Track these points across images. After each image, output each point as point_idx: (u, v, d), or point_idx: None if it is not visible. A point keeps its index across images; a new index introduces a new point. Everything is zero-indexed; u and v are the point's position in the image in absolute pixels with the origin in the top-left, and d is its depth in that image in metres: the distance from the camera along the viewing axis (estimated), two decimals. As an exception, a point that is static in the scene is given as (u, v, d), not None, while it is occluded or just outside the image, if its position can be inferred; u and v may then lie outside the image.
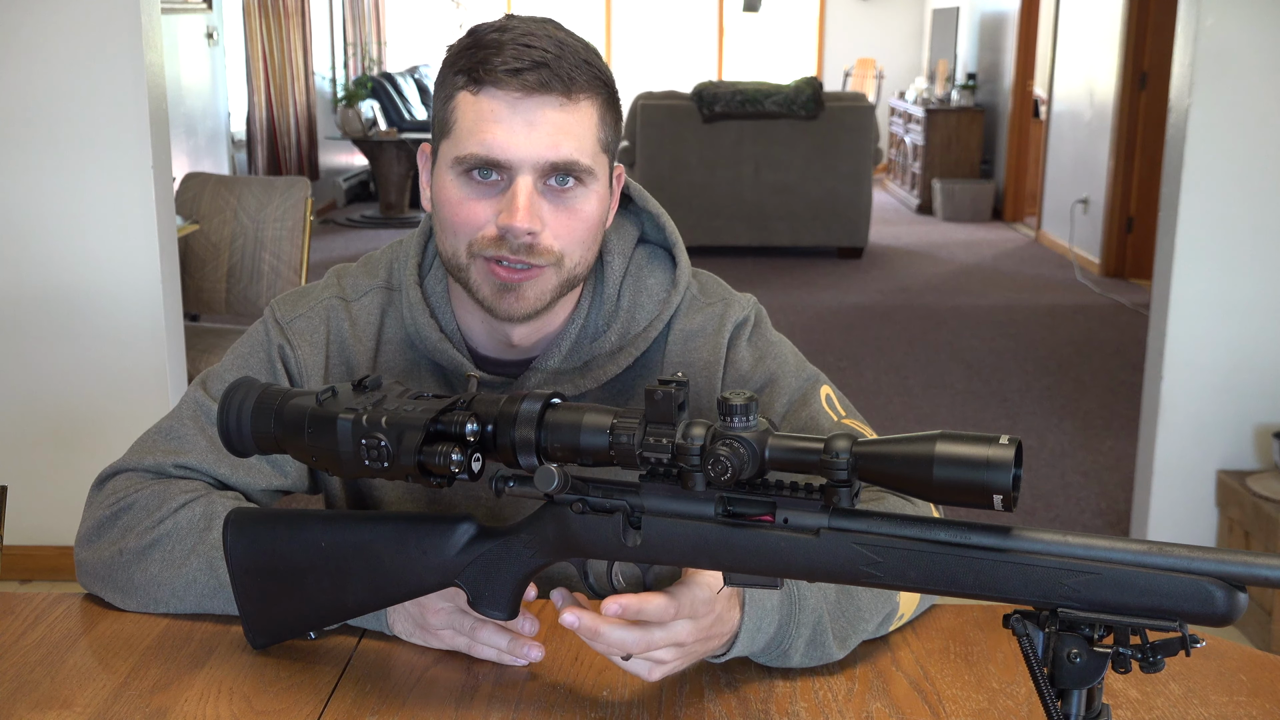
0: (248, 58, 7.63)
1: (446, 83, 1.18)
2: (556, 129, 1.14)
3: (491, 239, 1.17)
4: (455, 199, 1.18)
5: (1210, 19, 3.09)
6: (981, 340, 5.81)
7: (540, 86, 1.13)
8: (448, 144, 1.18)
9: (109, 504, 1.25)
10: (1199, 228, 3.21)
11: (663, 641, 0.99)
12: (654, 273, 1.32)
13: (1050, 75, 8.30)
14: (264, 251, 3.75)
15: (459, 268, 1.20)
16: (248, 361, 1.32)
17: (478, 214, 1.17)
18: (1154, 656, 0.79)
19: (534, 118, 1.14)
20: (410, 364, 1.31)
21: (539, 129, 1.14)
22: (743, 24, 12.29)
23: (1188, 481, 3.34)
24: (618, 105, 1.22)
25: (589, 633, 0.98)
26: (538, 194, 1.16)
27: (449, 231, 1.19)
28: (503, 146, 1.14)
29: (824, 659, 1.11)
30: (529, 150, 1.14)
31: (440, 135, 1.19)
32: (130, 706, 1.06)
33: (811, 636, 1.09)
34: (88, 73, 3.01)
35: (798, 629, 1.08)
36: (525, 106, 1.14)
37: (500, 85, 1.14)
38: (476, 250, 1.18)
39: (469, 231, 1.18)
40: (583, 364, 1.29)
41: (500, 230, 1.16)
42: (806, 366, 1.32)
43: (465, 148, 1.15)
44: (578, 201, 1.18)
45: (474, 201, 1.17)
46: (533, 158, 1.14)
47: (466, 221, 1.17)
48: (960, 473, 0.81)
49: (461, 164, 1.16)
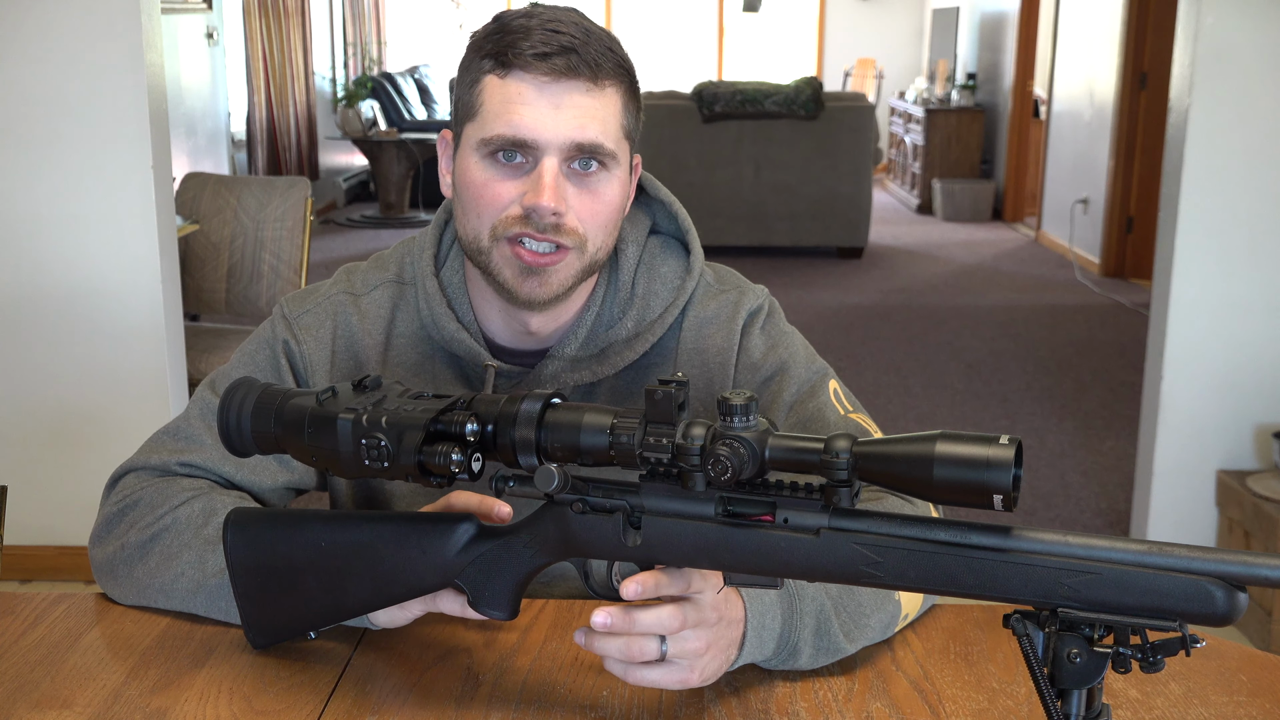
0: (248, 58, 7.63)
1: (472, 67, 1.19)
2: (583, 112, 1.16)
3: (516, 218, 1.17)
4: (480, 180, 1.18)
5: (1210, 18, 3.09)
6: (981, 340, 5.81)
7: (568, 71, 1.15)
8: (473, 126, 1.19)
9: (116, 501, 1.27)
10: (1199, 228, 3.21)
11: (694, 618, 0.98)
12: (667, 260, 1.33)
13: (1050, 75, 8.30)
14: (264, 251, 3.75)
15: (480, 250, 1.20)
16: (254, 359, 1.32)
17: (502, 195, 1.18)
18: (1154, 656, 0.80)
19: (561, 100, 1.15)
20: (423, 357, 1.30)
21: (566, 111, 1.15)
22: (743, 24, 12.29)
23: (1188, 481, 3.34)
24: (639, 95, 1.24)
25: (625, 624, 0.96)
26: (562, 175, 1.17)
27: (472, 213, 1.20)
28: (530, 127, 1.15)
29: (834, 653, 1.11)
30: (556, 131, 1.15)
31: (464, 118, 1.20)
32: (130, 706, 1.06)
33: (817, 627, 1.09)
34: (88, 73, 3.01)
35: (801, 619, 1.08)
36: (553, 90, 1.15)
37: (528, 69, 1.15)
38: (500, 232, 1.18)
39: (493, 213, 1.18)
40: (599, 351, 1.29)
41: (525, 210, 1.16)
42: (816, 359, 1.33)
43: (492, 129, 1.16)
44: (600, 185, 1.19)
45: (499, 182, 1.18)
46: (559, 139, 1.15)
47: (491, 203, 1.18)
48: (960, 473, 0.81)
49: (488, 145, 1.17)
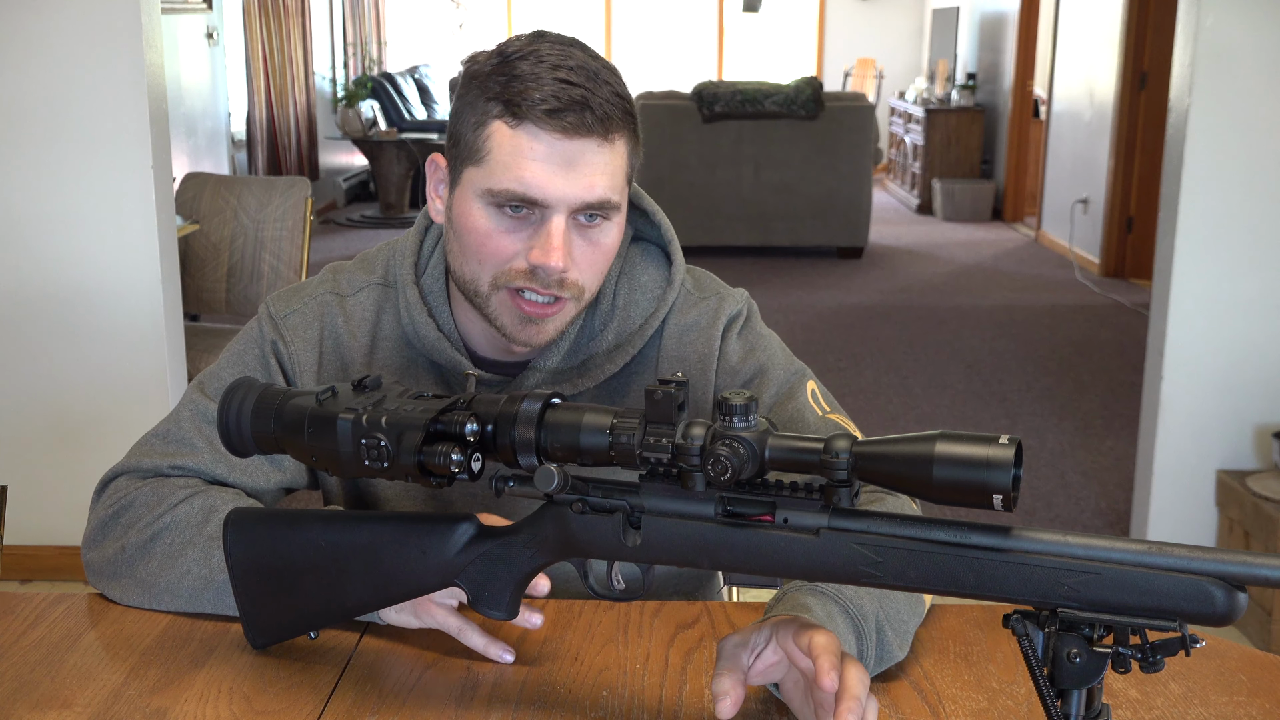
0: (248, 58, 7.63)
1: (477, 107, 1.17)
2: (593, 170, 1.15)
3: (520, 272, 1.18)
4: (484, 230, 1.18)
5: (1210, 19, 3.09)
6: (981, 340, 5.81)
7: (581, 129, 1.14)
8: (478, 172, 1.17)
9: (109, 504, 1.26)
10: (1199, 228, 3.21)
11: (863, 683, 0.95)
12: (647, 269, 1.33)
13: (1050, 75, 8.30)
14: (264, 251, 3.75)
15: (478, 294, 1.21)
16: (243, 359, 1.32)
17: (506, 248, 1.18)
18: (1154, 656, 0.79)
19: (573, 160, 1.14)
20: (406, 361, 1.31)
21: (577, 171, 1.15)
22: (743, 24, 12.29)
23: (1188, 481, 3.34)
24: (639, 131, 1.23)
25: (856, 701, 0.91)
26: (569, 231, 1.17)
27: (473, 260, 1.20)
28: (541, 186, 1.14)
29: (888, 661, 1.09)
30: (566, 191, 1.15)
31: (467, 159, 1.18)
32: (130, 706, 1.06)
33: (878, 639, 1.07)
34: (88, 73, 3.01)
35: (869, 636, 1.06)
36: (564, 149, 1.14)
37: (540, 124, 1.13)
38: (502, 283, 1.19)
39: (496, 263, 1.18)
40: (580, 363, 1.29)
41: (531, 266, 1.17)
42: (794, 360, 1.34)
43: (501, 182, 1.15)
44: (603, 235, 1.20)
45: (504, 234, 1.17)
46: (569, 199, 1.15)
47: (495, 254, 1.18)
48: (960, 473, 0.81)
49: (495, 197, 1.16)
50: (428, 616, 1.13)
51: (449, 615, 1.13)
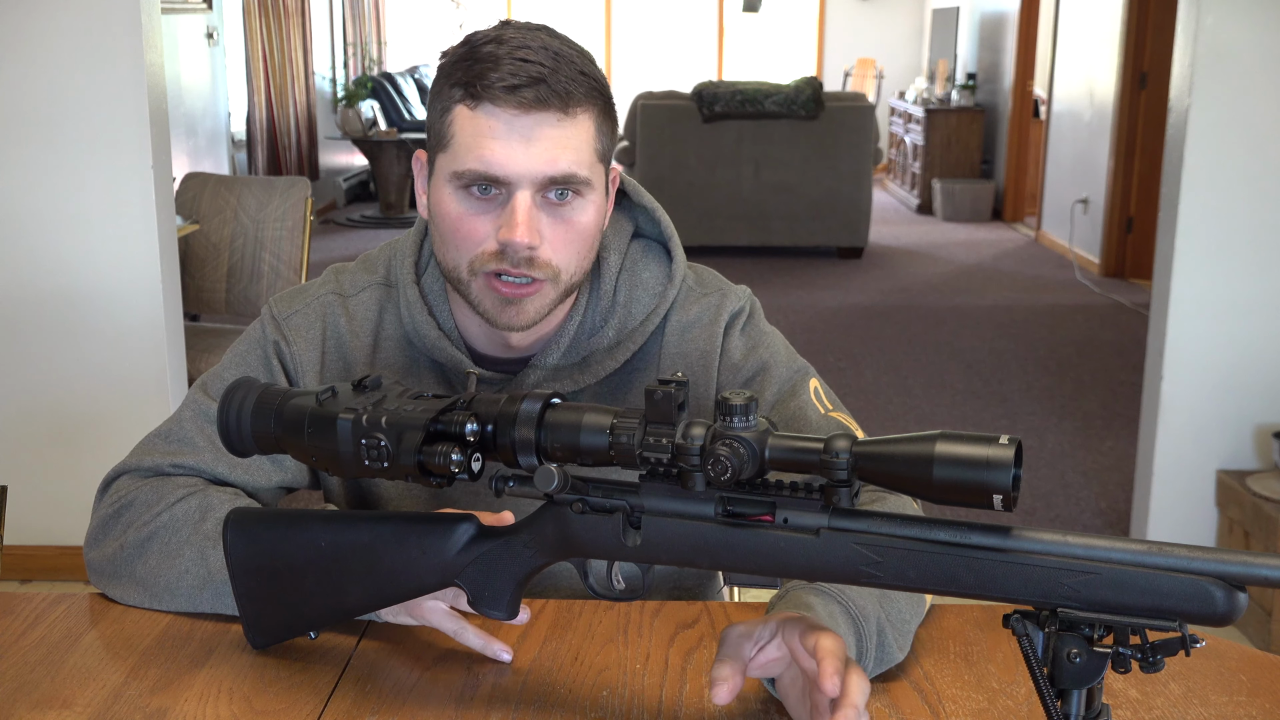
0: (248, 58, 7.63)
1: (443, 94, 1.18)
2: (554, 144, 1.15)
3: (492, 254, 1.18)
4: (455, 214, 1.18)
5: (1210, 19, 3.09)
6: (981, 340, 5.81)
7: (538, 103, 1.14)
8: (445, 157, 1.18)
9: (111, 503, 1.27)
10: (1199, 228, 3.21)
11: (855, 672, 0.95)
12: (649, 266, 1.33)
13: (1050, 75, 8.30)
14: (264, 251, 3.75)
15: (460, 281, 1.21)
16: (245, 360, 1.32)
17: (477, 230, 1.18)
18: (1154, 656, 0.79)
19: (532, 134, 1.15)
20: (409, 360, 1.31)
21: (537, 145, 1.15)
22: (743, 24, 12.29)
23: (1188, 481, 3.34)
24: (614, 112, 1.23)
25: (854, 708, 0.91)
26: (536, 208, 1.17)
27: (450, 245, 1.20)
28: (501, 163, 1.15)
29: (889, 663, 1.09)
30: (527, 166, 1.15)
31: (437, 147, 1.20)
32: (130, 706, 1.06)
33: (879, 642, 1.07)
34: (88, 73, 3.01)
35: (869, 639, 1.06)
36: (523, 123, 1.14)
37: (497, 102, 1.14)
38: (478, 267, 1.19)
39: (470, 247, 1.19)
40: (581, 360, 1.29)
41: (500, 245, 1.17)
42: (796, 358, 1.34)
43: (464, 163, 1.16)
44: (575, 213, 1.19)
45: (474, 217, 1.18)
46: (531, 173, 1.15)
47: (467, 237, 1.18)
48: (960, 473, 0.81)
49: (460, 179, 1.17)
50: (424, 618, 1.14)
51: (445, 617, 1.13)
